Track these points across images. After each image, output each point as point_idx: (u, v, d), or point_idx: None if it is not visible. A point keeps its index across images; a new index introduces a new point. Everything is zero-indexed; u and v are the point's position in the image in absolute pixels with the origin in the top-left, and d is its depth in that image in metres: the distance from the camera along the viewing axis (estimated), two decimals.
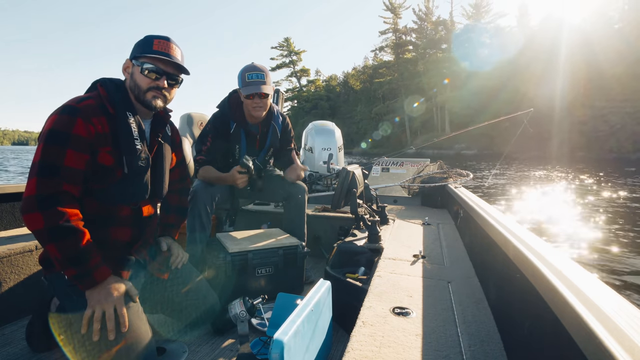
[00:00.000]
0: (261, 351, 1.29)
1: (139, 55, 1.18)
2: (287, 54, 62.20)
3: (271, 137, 2.05)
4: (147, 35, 1.23)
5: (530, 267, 0.83)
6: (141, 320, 1.12)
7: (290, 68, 63.38)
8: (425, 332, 0.89)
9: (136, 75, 1.19)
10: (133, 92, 1.20)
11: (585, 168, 15.80)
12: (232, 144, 1.96)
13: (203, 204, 1.83)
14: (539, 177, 12.65)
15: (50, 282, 1.19)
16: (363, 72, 57.13)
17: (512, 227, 1.19)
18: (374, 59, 55.19)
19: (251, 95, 1.83)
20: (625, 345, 0.48)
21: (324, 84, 65.94)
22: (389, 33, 48.14)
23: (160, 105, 1.23)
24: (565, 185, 10.19)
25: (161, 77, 1.20)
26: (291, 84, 64.95)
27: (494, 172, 3.92)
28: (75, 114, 1.07)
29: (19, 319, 1.54)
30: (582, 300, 0.61)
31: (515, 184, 10.47)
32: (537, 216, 6.04)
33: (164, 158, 1.33)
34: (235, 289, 1.66)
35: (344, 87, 61.05)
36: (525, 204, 7.24)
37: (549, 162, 20.54)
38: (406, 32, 46.80)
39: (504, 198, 7.94)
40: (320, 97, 60.27)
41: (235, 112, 1.94)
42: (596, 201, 7.39)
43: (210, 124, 1.96)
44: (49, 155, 1.02)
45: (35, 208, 0.98)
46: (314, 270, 2.21)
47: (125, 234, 1.24)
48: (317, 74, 68.48)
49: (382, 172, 4.10)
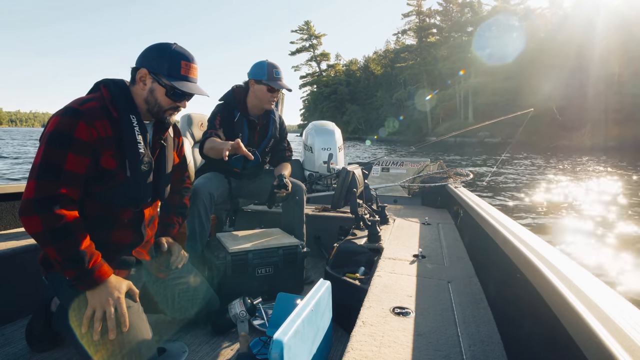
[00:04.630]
0: (261, 351, 1.29)
1: (162, 74, 1.16)
2: (307, 37, 61.48)
3: (272, 128, 2.14)
4: (170, 48, 1.17)
5: (530, 267, 0.83)
6: (141, 320, 1.12)
7: (310, 52, 62.76)
8: (425, 332, 0.89)
9: (158, 94, 1.18)
10: (149, 104, 1.19)
11: (618, 160, 14.52)
12: (235, 131, 2.02)
13: (202, 203, 1.84)
14: (563, 169, 11.99)
15: (50, 282, 1.19)
16: (384, 57, 55.88)
17: (512, 227, 1.19)
18: (396, 43, 53.97)
19: (273, 88, 1.98)
20: (625, 346, 0.48)
21: (344, 68, 64.93)
22: (412, 15, 46.75)
23: (174, 120, 1.26)
24: (590, 178, 9.53)
25: (183, 100, 1.22)
26: (311, 68, 64.25)
27: (499, 162, 3.78)
28: (78, 116, 1.06)
29: (19, 319, 1.54)
30: (582, 300, 0.61)
31: (532, 176, 10.01)
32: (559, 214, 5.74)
33: (167, 160, 1.33)
34: (235, 289, 1.66)
35: (365, 71, 60.09)
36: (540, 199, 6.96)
37: (576, 152, 19.24)
38: (430, 14, 45.34)
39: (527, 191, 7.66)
40: (340, 82, 59.54)
41: (239, 103, 2.03)
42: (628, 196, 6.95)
43: (216, 108, 2.05)
44: (49, 158, 1.02)
45: (34, 211, 0.98)
46: (314, 270, 2.21)
47: (126, 236, 1.24)
48: (337, 58, 67.78)
49: (382, 172, 4.10)
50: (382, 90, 50.87)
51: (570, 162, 13.96)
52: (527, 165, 12.94)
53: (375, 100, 51.52)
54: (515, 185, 8.88)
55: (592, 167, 12.36)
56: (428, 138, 8.02)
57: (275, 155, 2.23)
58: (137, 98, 1.20)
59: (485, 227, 1.40)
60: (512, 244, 1.01)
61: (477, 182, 8.04)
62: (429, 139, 5.85)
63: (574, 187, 8.42)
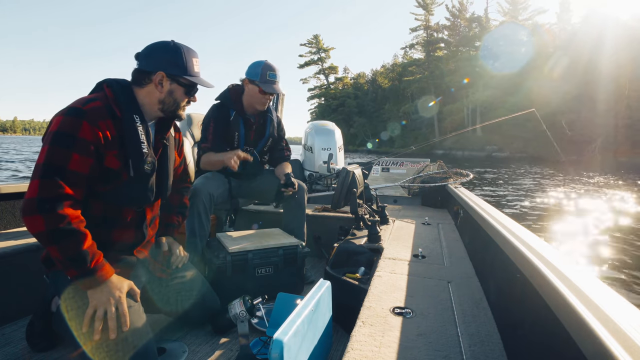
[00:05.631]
0: (261, 351, 1.29)
1: (181, 75, 1.22)
2: (316, 50, 61.67)
3: (270, 127, 2.15)
4: (179, 48, 1.23)
5: (530, 267, 0.83)
6: (142, 320, 1.12)
7: (319, 65, 62.90)
8: (425, 332, 0.89)
9: (177, 94, 1.24)
10: (165, 104, 1.24)
11: (632, 177, 13.86)
12: (231, 131, 2.03)
13: (202, 203, 1.84)
14: (572, 182, 11.65)
15: (52, 281, 1.19)
16: (392, 70, 56.04)
17: (512, 227, 1.19)
18: (403, 57, 54.06)
19: (266, 91, 1.98)
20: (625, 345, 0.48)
21: (352, 81, 65.18)
22: (420, 30, 46.85)
23: (185, 114, 1.31)
24: (600, 196, 9.05)
25: (195, 94, 1.30)
26: (319, 81, 64.37)
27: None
28: (82, 116, 1.05)
29: (19, 318, 1.54)
30: (582, 300, 0.61)
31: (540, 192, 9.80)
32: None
33: (169, 160, 1.34)
34: (235, 289, 1.66)
35: (372, 85, 60.27)
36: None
37: (586, 167, 18.70)
38: (438, 29, 45.46)
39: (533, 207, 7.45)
40: (348, 95, 59.82)
41: (235, 102, 2.04)
42: None
43: (210, 111, 2.06)
44: (53, 158, 1.02)
45: (37, 211, 0.98)
46: (314, 270, 2.21)
47: (128, 236, 1.24)
48: (346, 71, 67.77)
49: (382, 172, 4.10)
50: (389, 103, 50.99)
51: (580, 176, 13.65)
52: (535, 177, 12.73)
53: (383, 113, 51.59)
54: (519, 196, 8.82)
55: (603, 182, 12.03)
56: (435, 151, 8.02)
57: (275, 155, 2.24)
58: (146, 99, 1.22)
59: (485, 227, 1.40)
60: (512, 244, 1.01)
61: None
62: (435, 151, 5.85)
63: (583, 198, 8.31)
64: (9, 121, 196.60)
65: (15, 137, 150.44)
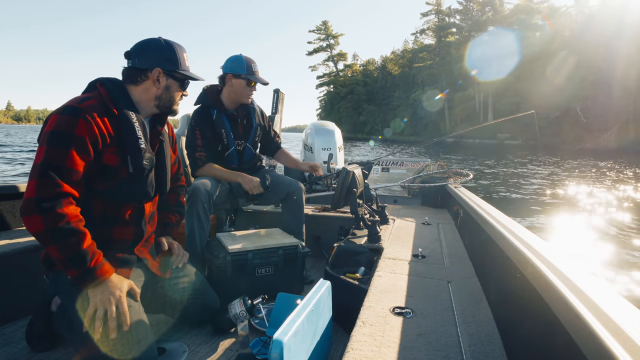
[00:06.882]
0: (261, 351, 1.29)
1: (173, 70, 1.25)
2: (325, 37, 61.02)
3: (254, 117, 2.18)
4: (171, 45, 1.26)
5: (530, 267, 0.83)
6: (142, 320, 1.12)
7: (327, 52, 62.34)
8: (425, 332, 0.89)
9: (174, 89, 1.28)
10: (162, 100, 1.26)
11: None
12: (217, 129, 2.04)
13: (201, 203, 1.84)
14: (585, 173, 11.20)
15: (52, 281, 1.19)
16: (402, 57, 55.32)
17: (512, 227, 1.20)
18: (414, 43, 53.24)
19: (253, 82, 2.02)
20: (625, 345, 0.48)
21: (361, 68, 64.37)
22: (432, 15, 45.97)
23: (179, 109, 1.34)
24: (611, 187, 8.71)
25: (187, 87, 1.34)
26: (328, 68, 63.75)
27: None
28: (77, 114, 1.06)
29: (19, 319, 1.54)
30: (582, 300, 0.61)
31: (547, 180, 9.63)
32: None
33: (165, 155, 1.35)
34: (235, 288, 1.66)
35: (382, 72, 59.60)
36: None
37: (602, 155, 17.92)
38: (450, 13, 44.53)
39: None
40: (357, 82, 59.16)
41: (214, 102, 2.06)
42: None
43: (192, 119, 2.07)
44: (50, 157, 1.02)
45: (35, 210, 0.98)
46: (314, 270, 2.21)
47: (128, 232, 1.24)
48: (355, 58, 67.16)
49: (382, 172, 4.10)
50: (399, 90, 50.43)
51: (595, 166, 13.15)
52: (547, 167, 12.44)
53: (393, 101, 51.07)
54: (530, 187, 8.71)
55: (617, 173, 11.59)
56: (446, 139, 7.91)
57: (270, 145, 2.30)
58: (142, 96, 1.23)
59: (485, 227, 1.40)
60: (512, 244, 1.01)
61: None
62: (447, 140, 5.83)
63: (593, 190, 8.15)
64: (22, 110, 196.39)
65: (30, 126, 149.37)
